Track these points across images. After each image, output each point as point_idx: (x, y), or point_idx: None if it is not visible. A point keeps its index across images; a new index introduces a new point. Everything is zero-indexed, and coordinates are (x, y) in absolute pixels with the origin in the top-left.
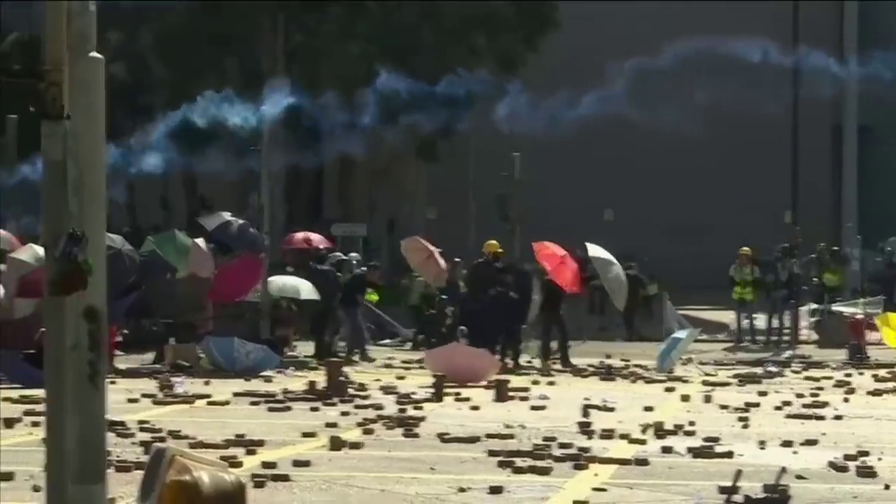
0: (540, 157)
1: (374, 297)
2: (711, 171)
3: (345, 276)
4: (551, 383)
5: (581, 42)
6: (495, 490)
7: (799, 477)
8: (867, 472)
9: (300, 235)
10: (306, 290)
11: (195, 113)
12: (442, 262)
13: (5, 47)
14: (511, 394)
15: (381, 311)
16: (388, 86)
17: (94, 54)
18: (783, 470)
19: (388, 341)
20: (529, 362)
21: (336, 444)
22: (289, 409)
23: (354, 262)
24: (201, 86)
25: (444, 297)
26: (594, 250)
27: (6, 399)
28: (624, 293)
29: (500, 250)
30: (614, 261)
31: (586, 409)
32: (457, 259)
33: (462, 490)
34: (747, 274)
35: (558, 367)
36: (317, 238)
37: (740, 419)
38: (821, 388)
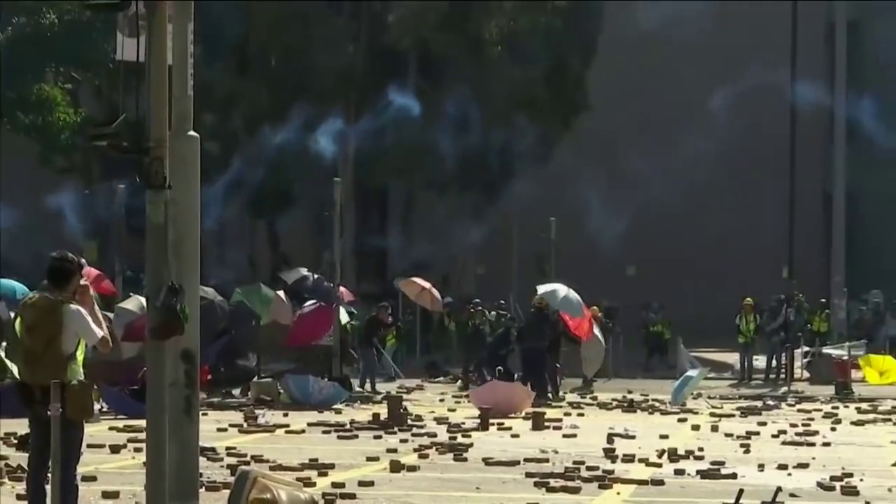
0: (576, 220)
1: (392, 342)
2: (721, 236)
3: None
4: (581, 414)
5: (606, 121)
6: None
7: (792, 495)
8: (851, 491)
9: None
10: None
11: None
12: (436, 293)
13: (116, 127)
14: (546, 423)
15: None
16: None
17: (191, 133)
18: (779, 489)
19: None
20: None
21: (396, 466)
22: (356, 436)
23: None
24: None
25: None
26: (542, 288)
27: (112, 428)
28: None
29: (547, 303)
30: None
31: (610, 436)
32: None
33: None
34: (750, 321)
35: (587, 400)
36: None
37: (742, 445)
38: (811, 419)
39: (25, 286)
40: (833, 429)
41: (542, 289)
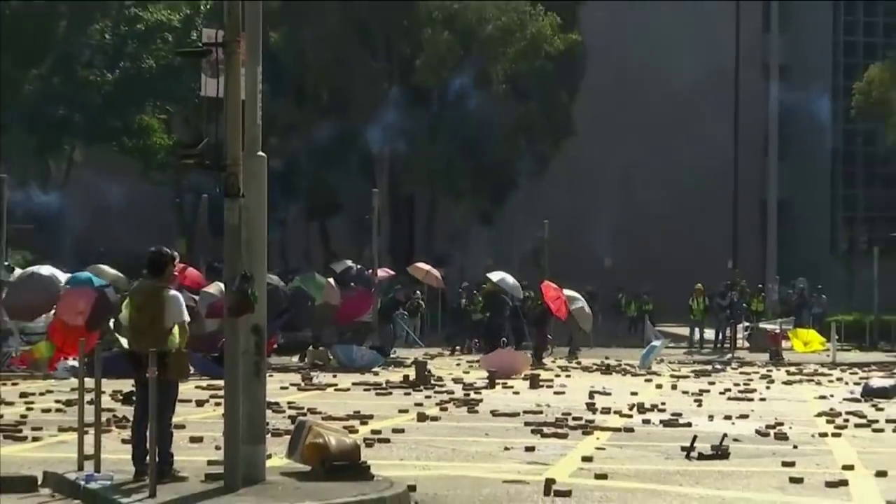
0: (565, 222)
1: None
2: (679, 235)
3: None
4: (568, 376)
5: (588, 144)
6: (529, 449)
7: (735, 440)
8: (782, 436)
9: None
10: None
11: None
12: (437, 273)
13: (201, 149)
14: (540, 383)
15: (405, 325)
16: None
17: (260, 153)
18: (725, 435)
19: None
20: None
21: (421, 417)
22: (390, 393)
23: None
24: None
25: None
26: (494, 276)
27: (198, 387)
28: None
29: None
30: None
31: (591, 393)
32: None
33: (507, 448)
34: (700, 302)
35: (573, 365)
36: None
37: (696, 401)
38: (751, 380)
39: (125, 276)
40: (768, 387)
41: (494, 276)
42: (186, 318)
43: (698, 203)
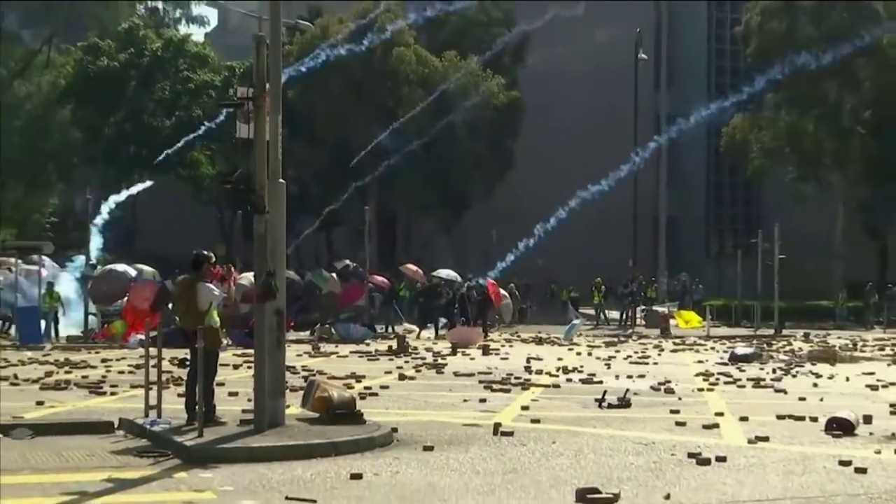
0: (508, 231)
1: (404, 294)
2: (595, 241)
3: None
4: (511, 346)
5: (526, 174)
6: (482, 400)
7: (635, 393)
8: (670, 391)
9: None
10: None
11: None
12: (421, 272)
13: (237, 177)
14: (490, 351)
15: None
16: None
17: (280, 181)
18: (627, 390)
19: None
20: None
21: (401, 377)
22: (377, 359)
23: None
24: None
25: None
26: (441, 273)
27: (235, 354)
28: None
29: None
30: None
31: (528, 359)
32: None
33: (465, 400)
34: (598, 292)
35: (514, 338)
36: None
37: (606, 364)
38: (646, 349)
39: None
40: (659, 354)
41: (439, 272)
42: (205, 305)
43: (608, 218)
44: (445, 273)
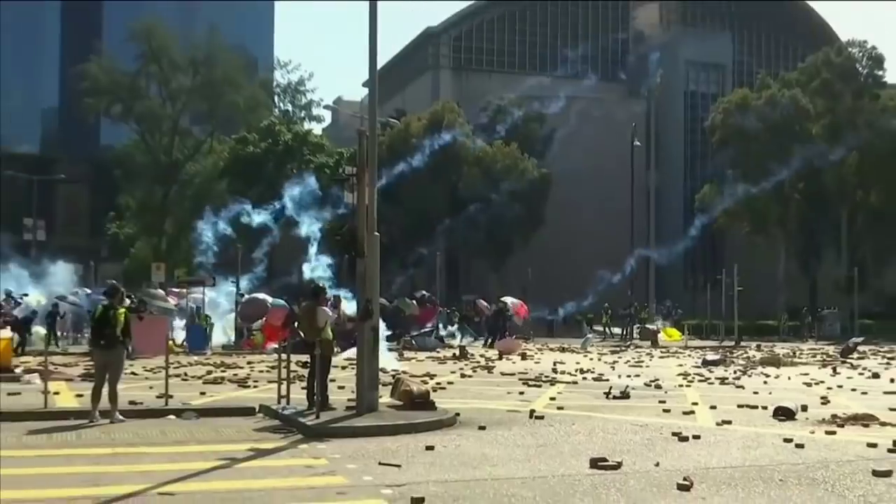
0: (543, 270)
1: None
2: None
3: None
4: (542, 353)
5: (553, 228)
6: (521, 393)
7: (633, 388)
8: (658, 387)
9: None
10: None
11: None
12: (487, 306)
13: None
14: (527, 357)
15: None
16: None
17: (375, 233)
18: (627, 386)
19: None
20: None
21: (462, 376)
22: (444, 363)
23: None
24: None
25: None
26: (507, 299)
27: (343, 359)
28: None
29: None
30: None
31: (555, 363)
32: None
33: (509, 393)
34: (606, 314)
35: (544, 348)
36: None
37: (611, 367)
38: (641, 356)
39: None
40: (650, 360)
41: (506, 299)
42: (328, 319)
43: (613, 260)
44: (510, 300)
